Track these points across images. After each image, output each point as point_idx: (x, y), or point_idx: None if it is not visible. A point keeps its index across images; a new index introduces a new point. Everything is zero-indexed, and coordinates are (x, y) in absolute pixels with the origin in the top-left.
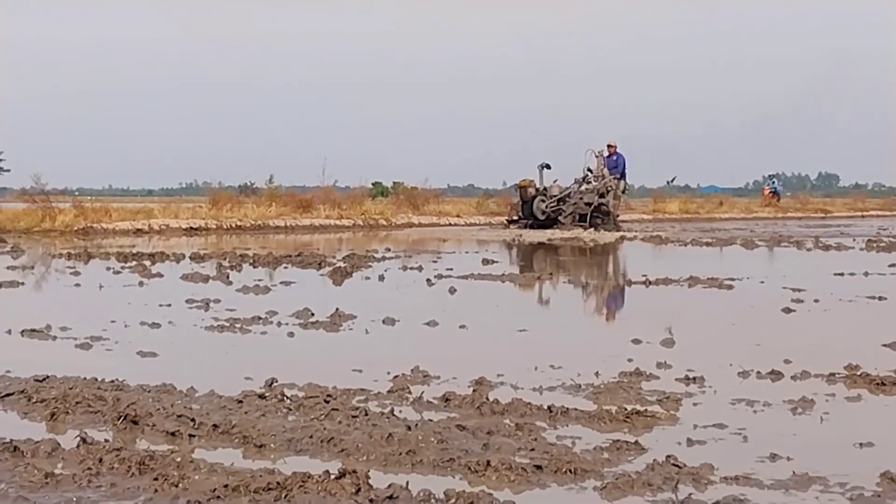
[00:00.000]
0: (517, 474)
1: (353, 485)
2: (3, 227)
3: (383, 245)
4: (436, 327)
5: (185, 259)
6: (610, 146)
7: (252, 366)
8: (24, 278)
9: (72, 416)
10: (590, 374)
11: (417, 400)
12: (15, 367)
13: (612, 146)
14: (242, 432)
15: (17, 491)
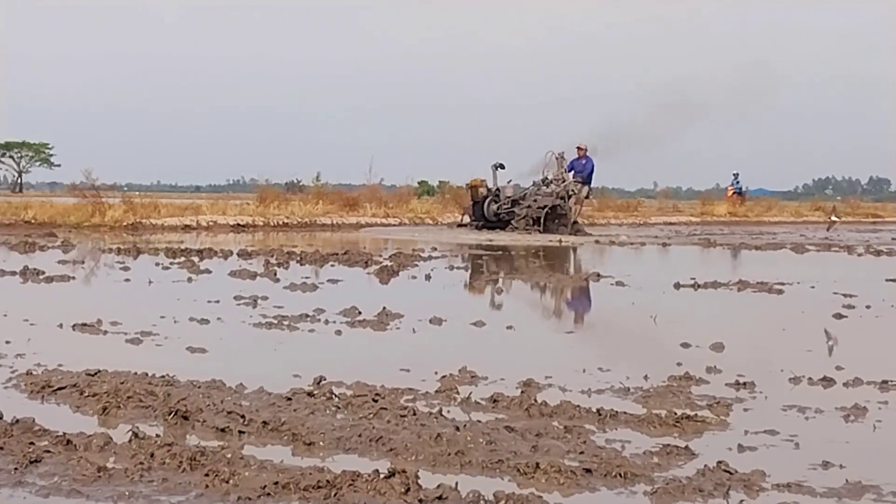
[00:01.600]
0: (566, 477)
1: (403, 484)
2: (53, 221)
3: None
4: (483, 328)
5: (233, 256)
6: (580, 148)
7: (300, 363)
8: (74, 272)
9: (123, 411)
10: (639, 378)
11: (465, 400)
12: (67, 361)
13: (581, 148)
14: (292, 430)
15: (70, 484)
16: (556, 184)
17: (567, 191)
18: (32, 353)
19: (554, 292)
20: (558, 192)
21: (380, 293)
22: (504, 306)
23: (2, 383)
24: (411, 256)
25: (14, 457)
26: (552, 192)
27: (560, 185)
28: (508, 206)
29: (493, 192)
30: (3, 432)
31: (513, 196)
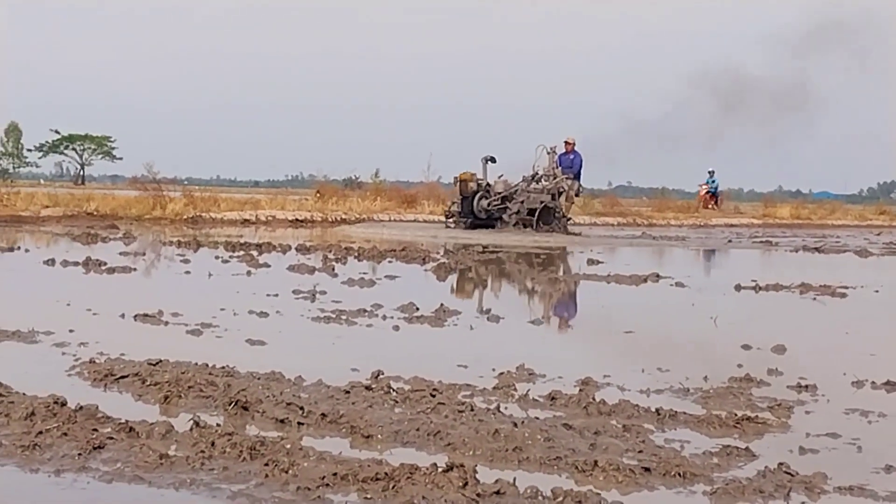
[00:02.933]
0: (625, 475)
1: (461, 479)
2: (115, 213)
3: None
4: (541, 326)
5: (292, 250)
6: (567, 143)
7: (358, 357)
8: (135, 264)
9: (184, 400)
10: (698, 379)
11: (523, 397)
12: (129, 351)
13: (569, 143)
14: (350, 422)
15: (132, 470)
16: (546, 180)
17: (559, 188)
18: (95, 342)
19: (612, 292)
20: (549, 188)
21: (437, 289)
22: (562, 305)
23: (66, 371)
24: (468, 253)
25: (78, 443)
26: (543, 188)
27: (551, 182)
28: (499, 202)
29: (483, 187)
30: (67, 419)
31: (504, 192)
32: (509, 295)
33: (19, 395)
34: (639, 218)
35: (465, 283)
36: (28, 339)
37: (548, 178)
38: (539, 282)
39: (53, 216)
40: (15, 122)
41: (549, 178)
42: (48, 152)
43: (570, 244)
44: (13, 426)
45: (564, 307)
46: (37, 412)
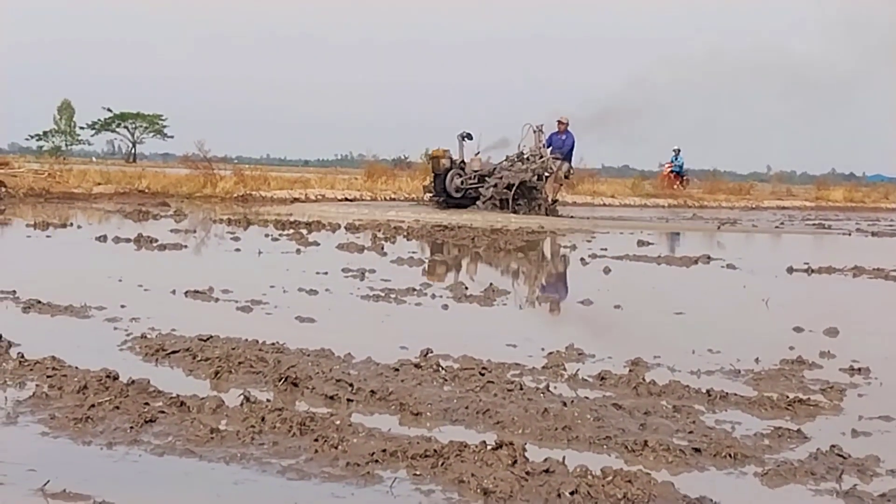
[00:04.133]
0: (675, 456)
1: (510, 457)
2: (166, 191)
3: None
4: (590, 306)
5: (341, 229)
6: (560, 122)
7: (407, 335)
8: (186, 241)
9: (234, 376)
10: (749, 360)
11: (572, 377)
12: (180, 326)
13: (562, 122)
14: (399, 399)
15: (184, 444)
16: (532, 160)
17: (546, 168)
18: (146, 318)
19: (663, 273)
20: (534, 169)
21: (486, 269)
22: (611, 286)
23: (117, 346)
24: (517, 234)
25: (130, 416)
26: (527, 168)
27: (537, 162)
28: (475, 181)
29: (457, 164)
30: (119, 392)
31: (480, 170)
32: (557, 276)
33: (72, 368)
34: (689, 200)
35: (515, 264)
36: (81, 314)
37: (534, 158)
38: (588, 262)
39: (105, 193)
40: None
41: (535, 158)
42: (100, 130)
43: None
44: (66, 399)
45: (613, 288)
46: (89, 386)
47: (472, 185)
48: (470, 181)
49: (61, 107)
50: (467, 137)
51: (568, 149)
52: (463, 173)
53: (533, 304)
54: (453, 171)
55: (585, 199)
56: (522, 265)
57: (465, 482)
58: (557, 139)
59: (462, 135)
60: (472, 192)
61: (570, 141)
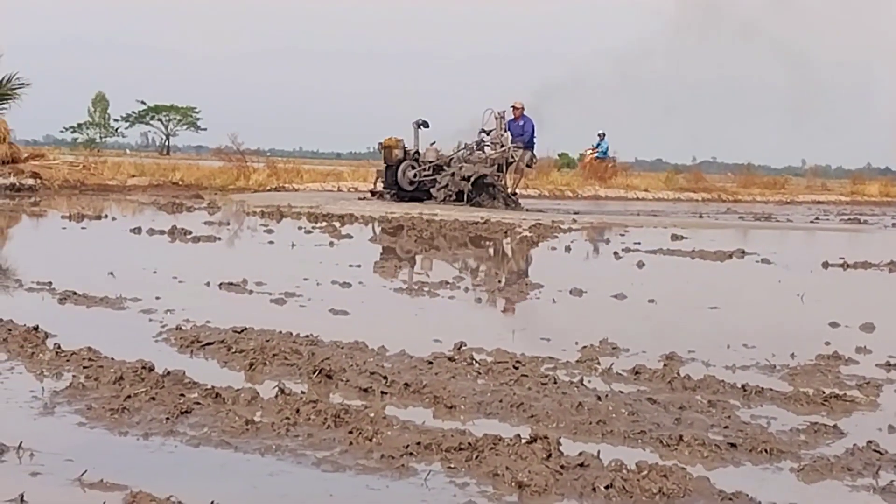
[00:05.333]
0: (710, 450)
1: (544, 450)
2: (200, 183)
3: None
4: (624, 300)
5: (374, 222)
6: (515, 108)
7: (440, 329)
8: (219, 234)
9: (269, 368)
10: (785, 356)
11: (606, 371)
12: (214, 318)
13: (517, 108)
14: (433, 392)
15: (219, 435)
16: (493, 148)
17: (507, 158)
18: (181, 310)
19: (697, 267)
20: (494, 158)
21: (520, 263)
22: (645, 280)
23: (153, 337)
24: (551, 228)
25: (166, 407)
26: (486, 157)
27: (498, 151)
28: (430, 172)
29: (410, 154)
30: (155, 383)
31: (436, 161)
32: (590, 270)
33: (108, 359)
34: (724, 194)
35: (546, 257)
36: (116, 306)
37: (494, 146)
38: (622, 256)
39: (139, 185)
40: (102, 93)
41: (495, 145)
42: (134, 122)
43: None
44: (102, 390)
45: (647, 282)
46: (125, 377)
47: (427, 177)
48: (425, 173)
49: (96, 99)
50: (423, 125)
51: (529, 135)
52: (417, 164)
53: (566, 297)
54: (406, 163)
55: (619, 193)
56: (554, 259)
57: (500, 475)
58: (516, 126)
59: (418, 122)
60: (428, 185)
61: (529, 127)
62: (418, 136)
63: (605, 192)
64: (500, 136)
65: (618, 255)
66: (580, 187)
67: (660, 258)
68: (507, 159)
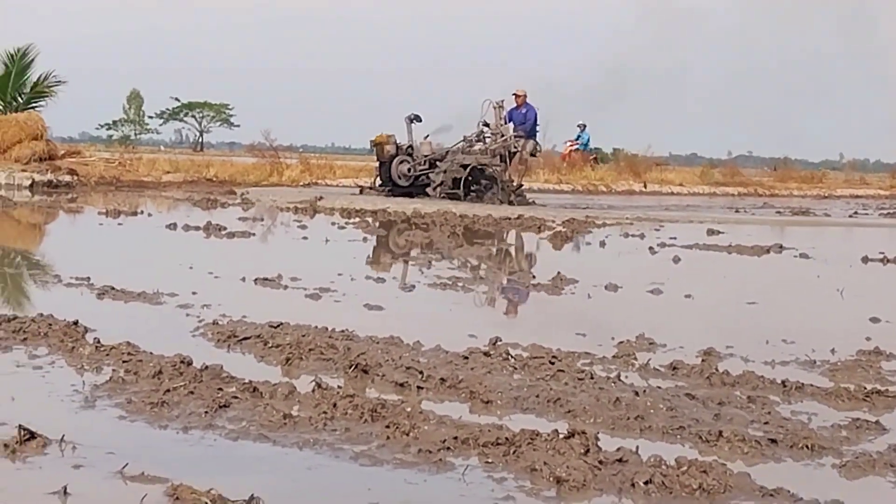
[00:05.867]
0: (751, 446)
1: (582, 445)
2: (233, 179)
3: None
4: (660, 296)
5: (407, 217)
6: (517, 95)
7: (475, 323)
8: (254, 229)
9: (305, 362)
10: (825, 351)
11: (644, 367)
12: (250, 313)
13: (519, 95)
14: (469, 387)
15: (257, 429)
16: (493, 139)
17: (507, 148)
18: (217, 305)
19: (734, 262)
20: (494, 149)
21: (553, 258)
22: (681, 275)
23: (190, 332)
24: (584, 223)
25: (204, 401)
26: (486, 149)
27: (498, 141)
28: (425, 166)
29: (404, 149)
30: (193, 378)
31: (431, 155)
32: (625, 264)
33: (147, 353)
34: (760, 188)
35: (576, 252)
36: (153, 301)
37: (494, 137)
38: (657, 251)
39: (174, 182)
40: (137, 90)
41: (495, 136)
42: (168, 119)
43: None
44: (142, 384)
45: (684, 277)
46: (164, 371)
47: (422, 172)
48: (420, 167)
49: (130, 96)
50: (416, 120)
51: (531, 123)
52: (411, 159)
53: (601, 292)
54: (399, 158)
55: (653, 188)
56: (590, 254)
57: (538, 470)
58: (518, 114)
59: (410, 117)
60: (424, 179)
61: (531, 115)
62: (412, 131)
63: (639, 187)
64: (499, 126)
65: (653, 249)
66: (614, 182)
67: (696, 253)
68: (508, 149)
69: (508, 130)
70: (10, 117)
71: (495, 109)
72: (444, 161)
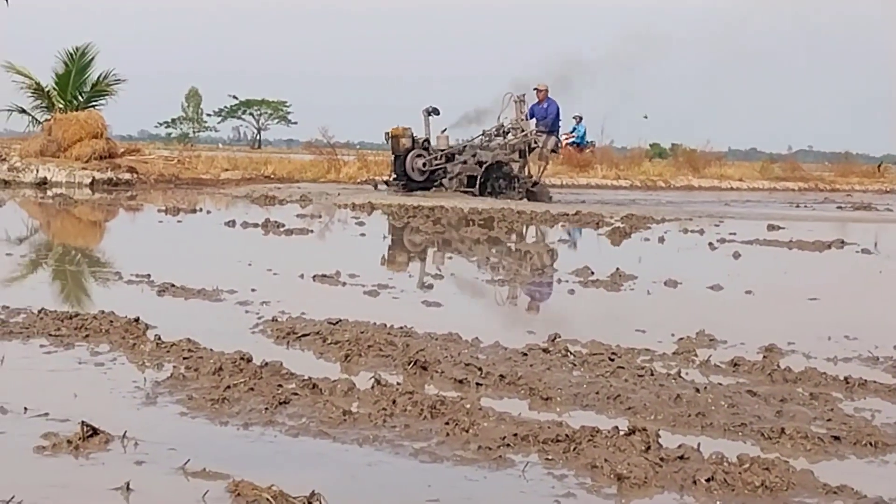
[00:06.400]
0: (813, 443)
1: (643, 442)
2: (291, 176)
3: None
4: (720, 291)
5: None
6: (539, 90)
7: (534, 320)
8: (312, 226)
9: (364, 359)
10: (888, 347)
11: (704, 363)
12: (309, 310)
13: (541, 90)
14: (528, 384)
15: (317, 426)
16: (514, 134)
17: (528, 144)
18: (276, 301)
19: (795, 258)
20: (515, 144)
21: (612, 254)
22: (741, 271)
23: (249, 329)
24: (643, 219)
25: (264, 398)
26: (506, 143)
27: (519, 136)
28: (441, 161)
29: (420, 143)
30: (253, 374)
31: (448, 149)
32: (684, 260)
33: (207, 350)
34: (821, 183)
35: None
36: (213, 298)
37: (515, 131)
38: (717, 247)
39: (232, 179)
40: (195, 88)
41: (516, 131)
42: (226, 117)
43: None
44: (202, 381)
45: (744, 273)
46: (224, 368)
47: (438, 166)
48: (436, 161)
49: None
50: (434, 113)
51: (552, 118)
52: (427, 153)
53: (660, 289)
54: (415, 152)
55: (712, 184)
56: (647, 250)
57: (599, 467)
58: (540, 109)
59: (427, 110)
60: (440, 174)
61: (553, 109)
62: (429, 125)
63: (699, 182)
64: (520, 121)
65: (713, 245)
66: (672, 178)
67: (756, 248)
68: (528, 145)
69: (530, 126)
70: (71, 116)
71: (516, 104)
72: (461, 155)
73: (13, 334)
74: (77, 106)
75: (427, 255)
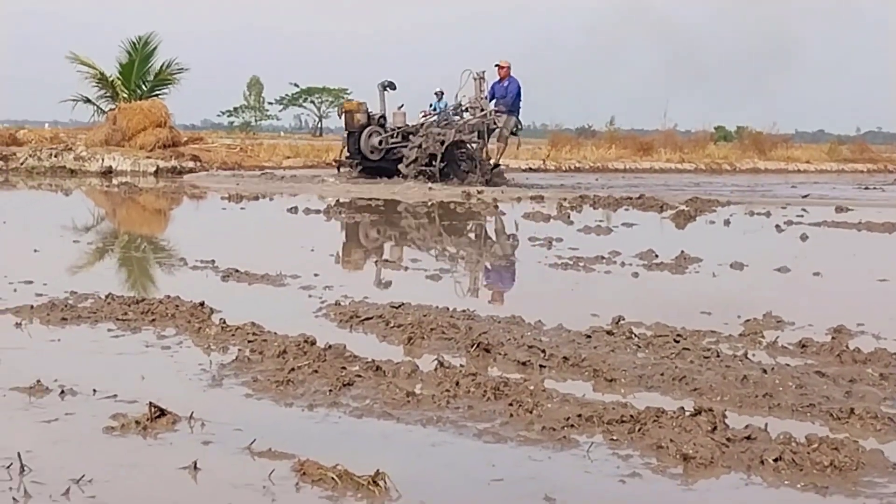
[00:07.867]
0: (884, 424)
1: (710, 423)
2: None
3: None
4: (787, 273)
5: (525, 199)
6: (500, 67)
7: (597, 303)
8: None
9: (427, 342)
10: None
11: (771, 345)
12: (372, 294)
13: (503, 67)
14: (592, 366)
15: (381, 407)
16: (471, 113)
17: (487, 124)
18: (339, 286)
19: (863, 240)
20: (473, 123)
21: (676, 237)
22: (809, 253)
23: (313, 312)
24: (708, 202)
25: (328, 380)
26: (464, 123)
27: (477, 116)
28: (398, 139)
29: (376, 119)
30: (317, 357)
31: (404, 127)
32: (750, 242)
33: (271, 334)
34: (890, 164)
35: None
36: (276, 283)
37: (473, 111)
38: (784, 230)
39: (294, 166)
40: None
41: (474, 110)
42: (287, 105)
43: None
44: (267, 363)
45: (812, 255)
46: (288, 350)
47: (394, 145)
48: (392, 140)
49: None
50: (389, 87)
51: (512, 98)
52: (383, 130)
53: (726, 271)
54: (371, 128)
55: (779, 166)
56: (713, 233)
57: (664, 447)
58: (499, 88)
59: (383, 84)
60: (396, 153)
61: (514, 87)
62: (384, 100)
63: (765, 165)
64: (479, 100)
65: (779, 227)
66: (737, 160)
67: (824, 231)
68: (487, 126)
69: (489, 105)
70: (135, 105)
71: (476, 81)
72: (418, 135)
73: (81, 319)
74: (141, 95)
75: (489, 239)
